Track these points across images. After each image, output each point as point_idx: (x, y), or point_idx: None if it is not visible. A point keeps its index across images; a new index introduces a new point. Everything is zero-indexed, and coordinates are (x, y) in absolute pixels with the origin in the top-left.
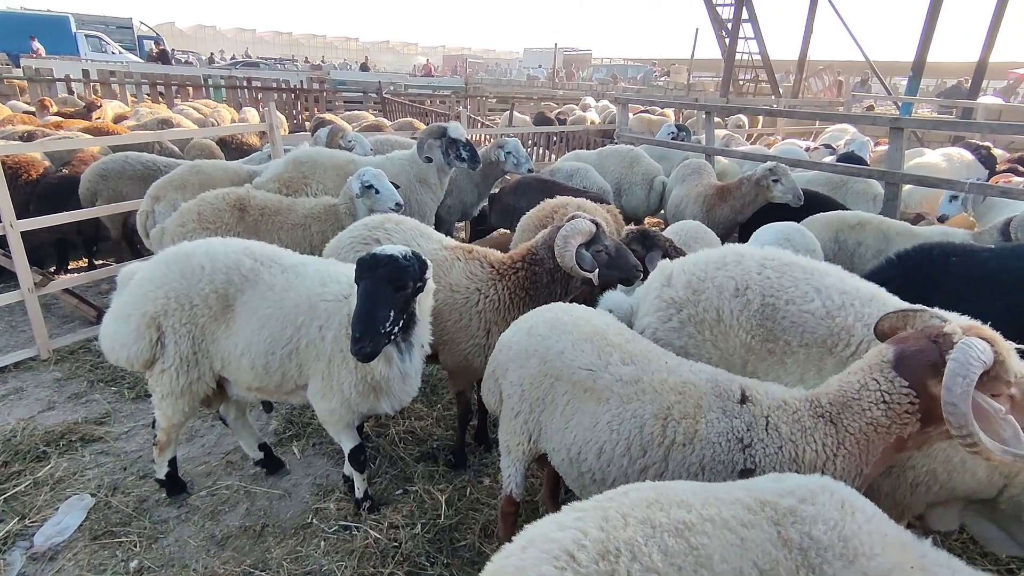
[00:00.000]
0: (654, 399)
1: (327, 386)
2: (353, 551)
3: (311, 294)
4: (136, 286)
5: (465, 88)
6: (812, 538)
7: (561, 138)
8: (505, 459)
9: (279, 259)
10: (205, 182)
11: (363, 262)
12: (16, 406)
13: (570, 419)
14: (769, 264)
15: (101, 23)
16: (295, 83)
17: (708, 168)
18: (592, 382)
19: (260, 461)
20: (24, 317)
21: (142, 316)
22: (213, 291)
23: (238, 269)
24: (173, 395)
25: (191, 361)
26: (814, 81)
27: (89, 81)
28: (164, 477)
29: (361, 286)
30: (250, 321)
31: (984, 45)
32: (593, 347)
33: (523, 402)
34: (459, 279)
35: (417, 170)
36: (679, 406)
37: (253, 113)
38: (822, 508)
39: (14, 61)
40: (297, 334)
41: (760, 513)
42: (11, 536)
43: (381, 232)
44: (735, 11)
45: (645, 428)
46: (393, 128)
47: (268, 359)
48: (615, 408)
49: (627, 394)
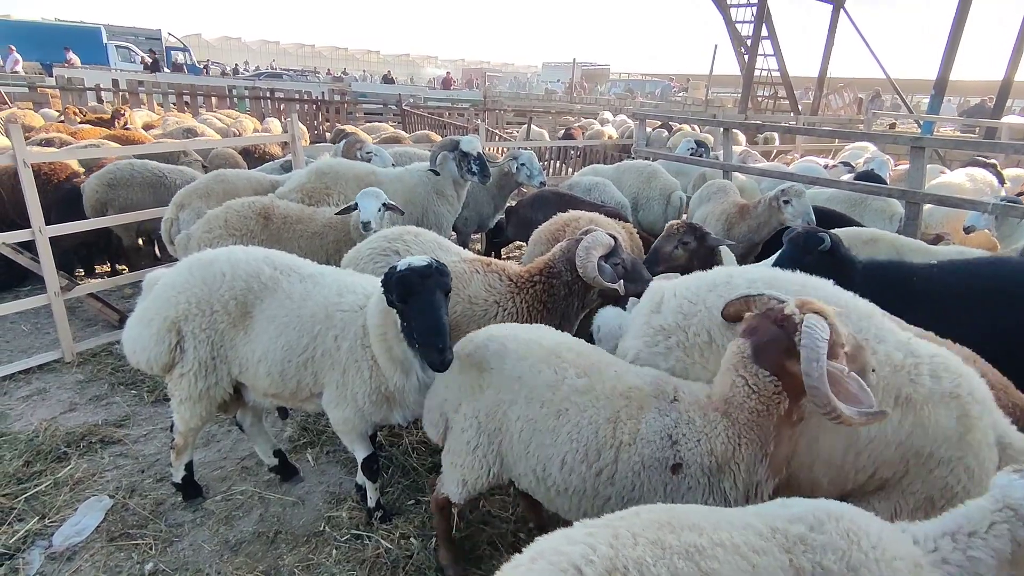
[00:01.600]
0: (606, 405)
1: (341, 395)
2: (364, 560)
3: (328, 304)
4: (159, 291)
5: (483, 101)
6: (824, 568)
7: (579, 152)
8: (454, 484)
9: (298, 268)
10: (229, 191)
11: (408, 276)
12: (39, 407)
13: (529, 442)
14: (758, 282)
15: (131, 34)
16: (317, 94)
17: (732, 187)
18: (551, 397)
19: (275, 468)
20: (49, 320)
21: (163, 320)
22: (233, 298)
23: (258, 277)
24: (191, 399)
25: (209, 366)
26: (834, 98)
27: (118, 90)
28: (180, 481)
29: (417, 299)
30: (268, 328)
31: (1009, 63)
32: (549, 367)
33: (481, 434)
34: (478, 291)
35: (435, 182)
36: (626, 409)
37: (276, 123)
38: (831, 537)
39: (47, 70)
40: (313, 343)
41: (771, 540)
42: (31, 535)
43: (400, 244)
44: (754, 28)
45: (599, 432)
46: (411, 140)
47: (284, 366)
48: (574, 419)
49: (583, 403)
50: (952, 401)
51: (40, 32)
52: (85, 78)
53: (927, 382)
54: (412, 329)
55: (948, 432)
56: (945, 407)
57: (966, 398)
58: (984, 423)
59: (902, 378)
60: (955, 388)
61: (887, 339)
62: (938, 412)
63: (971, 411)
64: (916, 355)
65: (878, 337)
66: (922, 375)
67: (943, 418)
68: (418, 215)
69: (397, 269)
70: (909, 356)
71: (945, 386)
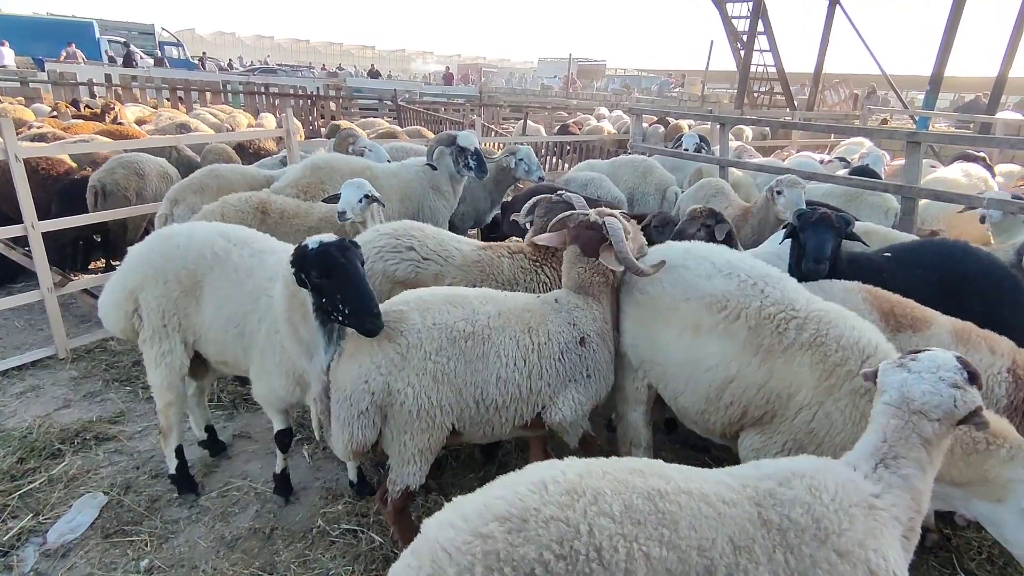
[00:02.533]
0: (518, 320)
1: (259, 372)
2: (359, 555)
3: (259, 287)
4: (125, 262)
5: (480, 96)
6: (791, 519)
7: (575, 148)
8: (410, 465)
9: (251, 243)
10: (223, 186)
11: (329, 251)
12: (33, 404)
13: (465, 375)
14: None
15: (124, 29)
16: (312, 90)
17: (729, 188)
18: (472, 329)
19: (203, 442)
20: (43, 316)
21: (123, 289)
22: (184, 268)
23: (211, 248)
24: (151, 364)
25: (161, 333)
26: (830, 94)
27: (111, 85)
28: (175, 472)
29: (341, 271)
30: (215, 298)
31: (1004, 59)
32: (457, 306)
33: (420, 395)
34: (515, 274)
35: (431, 177)
36: (532, 318)
37: (270, 118)
38: (798, 492)
39: (39, 65)
40: (243, 321)
41: (742, 493)
42: (25, 532)
43: (411, 239)
44: (750, 24)
45: (520, 343)
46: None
47: (224, 335)
48: (497, 339)
49: (499, 325)
50: (812, 350)
51: (32, 27)
52: (78, 73)
53: (792, 334)
54: (339, 301)
55: (804, 378)
56: (803, 355)
57: (828, 347)
58: (842, 371)
59: (765, 329)
60: (817, 337)
61: (772, 296)
62: (796, 360)
63: (831, 359)
64: (794, 310)
65: (766, 295)
66: (788, 328)
67: (799, 365)
68: (414, 210)
69: (310, 247)
70: (785, 311)
71: (805, 336)
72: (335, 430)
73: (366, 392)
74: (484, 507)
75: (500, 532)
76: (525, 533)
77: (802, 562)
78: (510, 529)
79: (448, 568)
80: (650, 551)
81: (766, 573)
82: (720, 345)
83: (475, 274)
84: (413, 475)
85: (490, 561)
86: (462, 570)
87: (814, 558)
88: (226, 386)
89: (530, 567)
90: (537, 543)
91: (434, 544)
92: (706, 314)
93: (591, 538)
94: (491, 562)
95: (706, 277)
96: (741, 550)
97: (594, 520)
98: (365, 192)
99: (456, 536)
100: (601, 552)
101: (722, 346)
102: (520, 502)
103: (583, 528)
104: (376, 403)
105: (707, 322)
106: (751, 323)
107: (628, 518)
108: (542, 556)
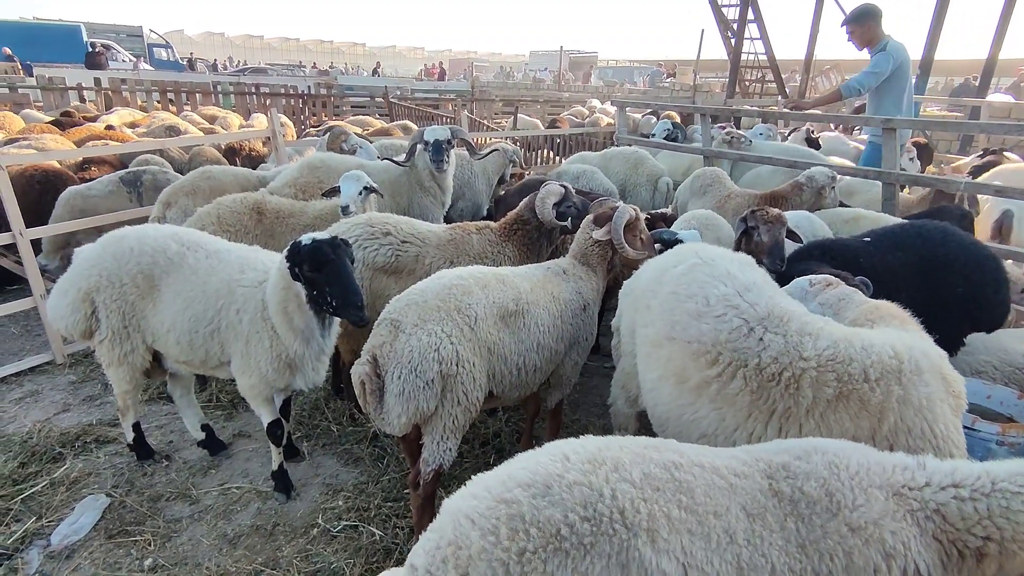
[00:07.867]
0: (540, 293)
1: (246, 364)
2: (360, 548)
3: (230, 280)
4: (76, 264)
5: (471, 91)
6: (804, 492)
7: (564, 140)
8: (448, 440)
9: (205, 245)
10: (216, 187)
11: (321, 247)
12: (32, 409)
13: (504, 346)
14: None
15: (112, 31)
16: (303, 89)
17: (725, 176)
18: (515, 308)
19: (201, 442)
20: (39, 322)
21: (77, 291)
22: (140, 271)
23: (164, 252)
24: (113, 364)
25: (123, 334)
26: (821, 81)
27: (100, 89)
28: (132, 442)
29: (332, 266)
30: (175, 301)
31: (993, 42)
32: (505, 282)
33: (462, 363)
34: (483, 249)
35: (415, 175)
36: (544, 289)
37: (262, 119)
38: (815, 467)
39: (27, 70)
40: (218, 316)
41: (754, 466)
42: (28, 535)
43: (384, 226)
44: (740, 11)
45: (549, 311)
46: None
47: (192, 337)
48: (528, 314)
49: (532, 300)
50: (845, 401)
51: (18, 32)
52: (67, 77)
53: (808, 392)
54: (328, 295)
55: (854, 433)
56: (835, 413)
57: (863, 392)
58: (894, 408)
59: (773, 392)
60: (842, 388)
61: (773, 349)
62: (830, 419)
63: (872, 403)
64: (804, 360)
65: (764, 345)
66: (802, 386)
67: (837, 423)
68: (404, 206)
69: (303, 244)
70: (791, 366)
71: (829, 393)
72: (393, 405)
73: (435, 361)
74: (507, 477)
75: (525, 496)
76: (550, 497)
77: (813, 532)
78: (534, 494)
79: (472, 532)
80: (671, 512)
81: (780, 540)
82: (717, 413)
83: (451, 251)
84: (449, 451)
85: (515, 524)
86: (486, 532)
87: (825, 529)
88: (226, 386)
89: (556, 528)
90: (562, 506)
91: (456, 513)
92: (692, 364)
93: (614, 501)
94: (516, 524)
95: (696, 316)
96: (755, 517)
97: (616, 485)
98: (364, 184)
99: (479, 504)
100: (624, 514)
101: (720, 414)
102: (543, 470)
103: (606, 491)
104: (443, 373)
105: (694, 376)
106: (752, 386)
107: (648, 484)
108: (567, 517)
